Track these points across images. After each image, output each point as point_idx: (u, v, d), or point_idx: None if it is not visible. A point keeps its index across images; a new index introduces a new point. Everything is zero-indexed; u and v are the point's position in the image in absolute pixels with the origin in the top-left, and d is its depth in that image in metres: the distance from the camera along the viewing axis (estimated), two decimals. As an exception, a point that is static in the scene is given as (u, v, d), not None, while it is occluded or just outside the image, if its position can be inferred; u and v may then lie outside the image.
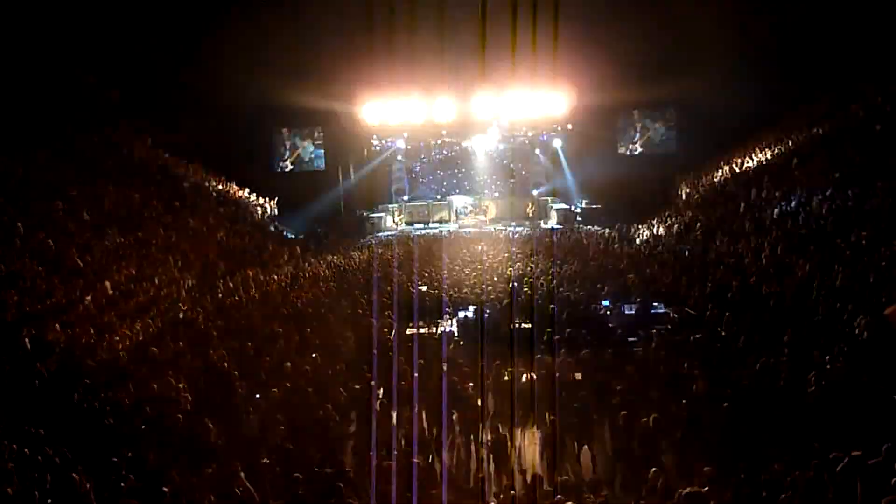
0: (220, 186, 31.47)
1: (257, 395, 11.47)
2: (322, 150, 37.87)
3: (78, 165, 23.60)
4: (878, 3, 25.92)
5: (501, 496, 8.35)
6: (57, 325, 13.06)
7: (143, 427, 10.08)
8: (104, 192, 22.35)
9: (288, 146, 38.08)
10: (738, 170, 28.52)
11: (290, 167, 37.96)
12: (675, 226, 25.49)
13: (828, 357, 10.68)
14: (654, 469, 8.16)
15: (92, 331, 13.48)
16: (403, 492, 7.97)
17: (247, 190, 32.74)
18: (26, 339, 12.20)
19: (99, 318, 14.21)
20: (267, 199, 33.09)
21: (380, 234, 33.18)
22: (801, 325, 12.48)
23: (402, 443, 9.99)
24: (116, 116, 30.15)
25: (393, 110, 33.49)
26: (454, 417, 11.29)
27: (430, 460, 9.94)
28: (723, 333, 13.46)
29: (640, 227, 28.20)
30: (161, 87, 32.03)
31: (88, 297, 14.74)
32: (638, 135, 37.09)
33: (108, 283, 15.75)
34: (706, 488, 7.15)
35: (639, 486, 8.32)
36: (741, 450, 8.95)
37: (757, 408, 10.13)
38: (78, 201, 20.37)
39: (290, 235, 30.42)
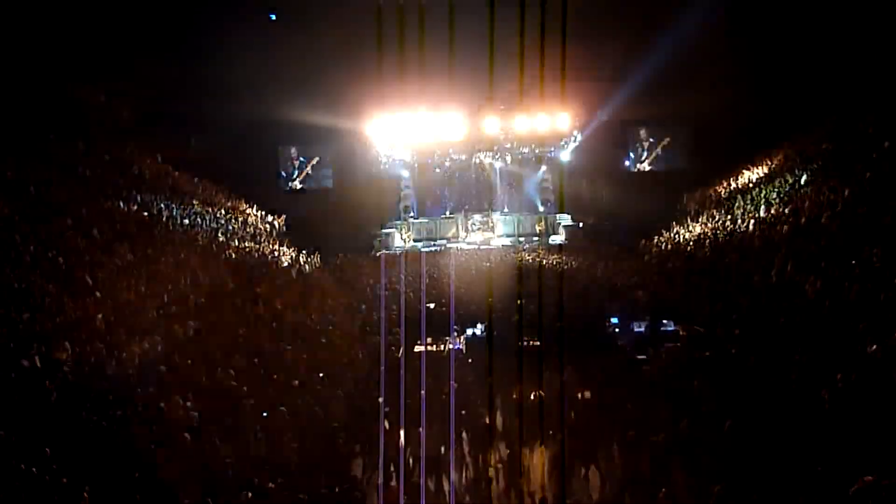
0: (228, 204, 31.61)
1: (265, 414, 11.44)
2: (330, 168, 38.05)
3: (87, 182, 23.76)
4: (887, 18, 25.89)
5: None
6: (66, 343, 13.08)
7: (150, 446, 10.05)
8: (113, 209, 22.48)
9: (296, 164, 38.26)
10: (746, 186, 28.43)
11: (299, 185, 38.14)
12: (684, 243, 25.39)
13: (839, 376, 10.57)
14: (664, 490, 8.06)
15: (101, 348, 13.49)
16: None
17: (255, 207, 32.87)
18: (35, 357, 12.22)
19: (107, 336, 14.23)
20: (275, 216, 33.22)
21: (388, 252, 33.18)
22: (811, 344, 12.37)
23: (410, 462, 9.93)
24: (126, 134, 30.40)
25: (400, 127, 33.61)
26: (462, 436, 11.23)
27: (438, 480, 9.88)
28: (732, 351, 13.35)
29: (648, 243, 28.11)
30: (170, 105, 32.33)
31: (98, 315, 14.77)
32: (646, 151, 37.09)
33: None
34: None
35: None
36: (751, 469, 8.86)
37: (767, 426, 10.04)
38: (87, 218, 20.47)
39: (297, 253, 30.47)
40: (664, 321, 16.11)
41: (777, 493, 7.80)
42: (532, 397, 13.13)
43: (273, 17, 33.98)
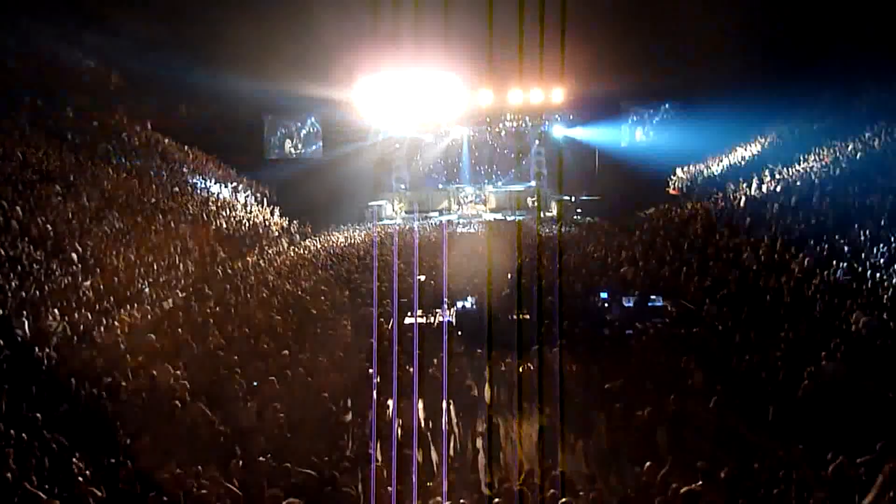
0: (219, 172, 31.42)
1: (255, 384, 11.47)
2: (321, 138, 37.79)
3: (76, 149, 23.55)
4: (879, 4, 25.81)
5: (495, 489, 8.37)
6: (55, 311, 13.07)
7: (140, 414, 10.10)
8: (103, 176, 22.32)
9: (287, 133, 37.98)
10: (738, 163, 28.49)
11: (289, 154, 37.87)
12: (675, 219, 25.47)
13: (824, 353, 10.70)
14: (649, 464, 8.17)
15: (90, 317, 13.48)
16: (400, 483, 8.00)
17: (245, 176, 32.68)
18: (25, 325, 12.21)
19: (98, 305, 14.22)
20: (266, 186, 33.04)
21: (380, 223, 33.15)
22: (798, 321, 12.50)
23: (400, 433, 10.01)
24: (114, 100, 30.07)
25: (393, 98, 33.35)
26: (451, 408, 11.32)
27: (427, 451, 9.99)
28: (720, 328, 13.47)
29: (639, 219, 28.18)
30: (159, 72, 31.91)
31: (87, 283, 14.74)
32: (639, 127, 37.04)
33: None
34: (700, 483, 7.17)
35: (633, 480, 8.35)
36: (736, 444, 9.00)
37: (753, 402, 10.17)
38: (76, 185, 20.33)
39: (288, 223, 30.39)
40: (653, 297, 16.19)
41: (762, 469, 7.92)
42: (520, 370, 13.25)
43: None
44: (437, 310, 16.07)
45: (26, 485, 7.67)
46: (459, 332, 14.45)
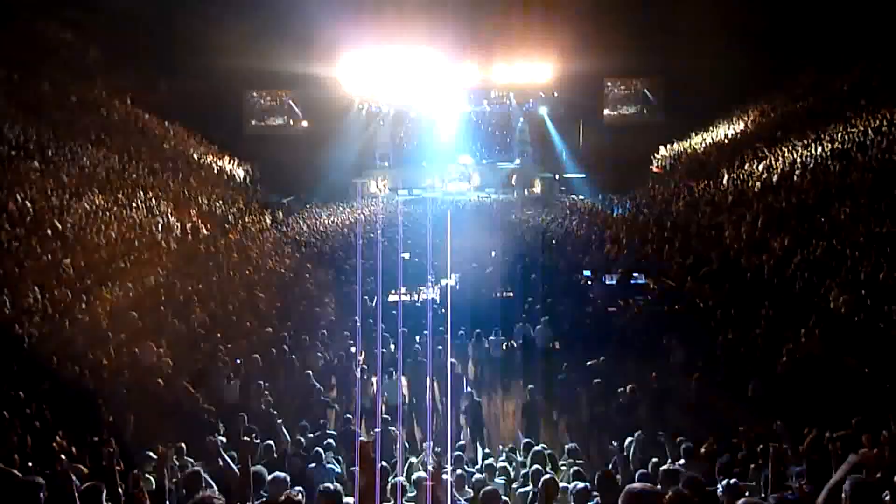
0: (200, 149, 31.08)
1: (238, 361, 11.47)
2: (304, 114, 37.45)
3: (55, 125, 23.17)
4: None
5: (478, 464, 8.47)
6: (36, 288, 12.93)
7: (123, 391, 10.07)
8: (82, 152, 22.01)
9: (269, 109, 37.59)
10: (721, 141, 28.61)
11: (272, 130, 37.51)
12: (658, 197, 25.60)
13: (803, 330, 10.86)
14: (630, 439, 8.28)
15: (70, 294, 13.36)
16: (385, 459, 8.06)
17: (227, 153, 32.35)
18: (5, 302, 12.09)
19: (78, 283, 14.08)
20: (248, 162, 32.74)
21: (363, 200, 33.01)
22: (778, 298, 12.65)
23: (384, 410, 10.07)
24: (93, 74, 29.58)
25: (377, 74, 33.13)
26: (435, 385, 11.39)
27: (412, 428, 10.06)
28: (701, 305, 13.62)
29: (622, 197, 28.29)
30: (139, 46, 31.42)
31: (67, 261, 14.57)
32: (623, 104, 37.04)
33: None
34: (681, 461, 7.28)
35: (613, 455, 8.46)
36: (716, 420, 9.14)
37: (733, 379, 10.33)
38: (55, 161, 20.04)
39: (272, 199, 30.19)
40: (635, 274, 16.31)
41: (742, 446, 8.05)
42: (504, 347, 13.35)
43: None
44: (422, 287, 16.11)
45: (8, 462, 7.64)
46: (443, 310, 14.50)
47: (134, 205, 19.84)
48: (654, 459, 7.51)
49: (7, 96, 22.78)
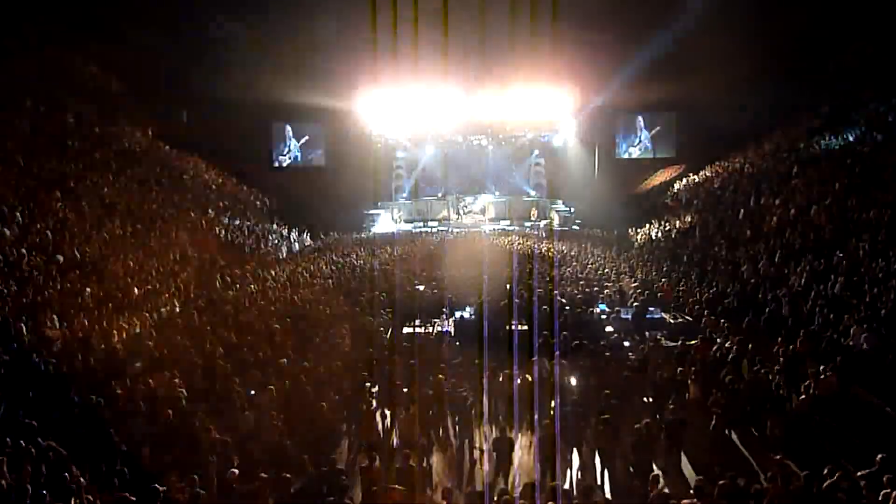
0: (219, 180, 31.47)
1: (252, 392, 11.46)
2: (322, 147, 37.94)
3: (77, 156, 23.57)
4: (881, 14, 25.90)
5: (494, 501, 8.36)
6: (54, 318, 13.06)
7: (137, 422, 10.08)
8: (104, 183, 22.34)
9: (288, 142, 38.08)
10: (737, 176, 28.54)
11: (290, 163, 37.98)
12: (674, 231, 25.52)
13: (822, 367, 10.71)
14: (653, 475, 8.16)
15: (88, 324, 13.47)
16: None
17: (245, 184, 32.74)
18: (23, 331, 12.19)
19: (97, 311, 14.20)
20: (266, 194, 33.11)
21: (379, 232, 33.20)
22: (796, 334, 12.51)
23: (394, 443, 10.01)
24: (117, 107, 30.14)
25: (394, 109, 33.58)
26: (449, 419, 11.30)
27: (422, 462, 9.96)
28: (718, 340, 13.48)
29: (638, 230, 28.23)
30: (162, 79, 32.08)
31: (87, 290, 14.72)
32: (638, 138, 37.16)
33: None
34: (695, 500, 7.17)
35: (630, 492, 8.35)
36: (732, 458, 9.02)
37: (750, 416, 10.18)
38: (76, 192, 20.34)
39: (288, 231, 30.42)
40: (651, 309, 16.21)
41: (758, 482, 7.92)
42: (519, 381, 13.23)
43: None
44: (436, 319, 16.09)
45: (22, 492, 7.65)
46: (458, 343, 14.44)
47: (152, 235, 20.06)
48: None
49: (32, 128, 23.22)
